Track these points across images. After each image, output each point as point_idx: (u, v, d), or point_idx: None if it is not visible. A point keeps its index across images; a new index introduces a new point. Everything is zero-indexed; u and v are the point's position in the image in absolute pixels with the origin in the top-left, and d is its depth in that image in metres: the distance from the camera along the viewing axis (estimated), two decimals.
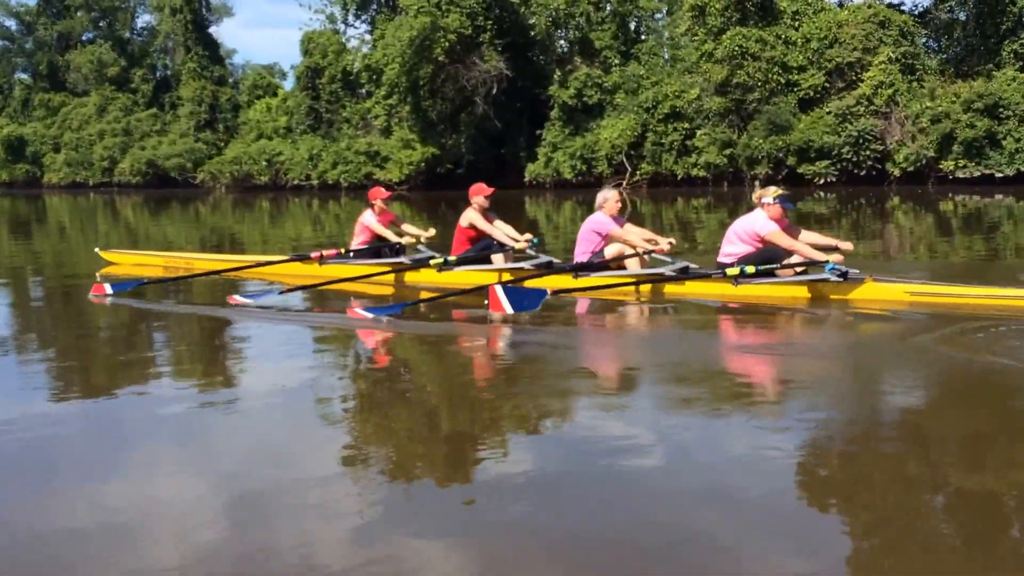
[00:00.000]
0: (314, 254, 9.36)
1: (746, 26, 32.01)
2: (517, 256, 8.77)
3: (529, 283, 7.56)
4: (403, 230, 9.51)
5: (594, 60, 37.69)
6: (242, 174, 44.85)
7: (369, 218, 9.44)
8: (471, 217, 8.85)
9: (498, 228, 8.78)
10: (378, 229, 9.34)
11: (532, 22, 38.04)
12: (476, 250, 8.78)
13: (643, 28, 40.85)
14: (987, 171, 28.62)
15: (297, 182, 42.34)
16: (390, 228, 9.43)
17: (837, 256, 7.03)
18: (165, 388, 5.24)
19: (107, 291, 8.25)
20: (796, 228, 7.56)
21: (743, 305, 7.21)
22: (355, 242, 9.53)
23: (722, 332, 6.77)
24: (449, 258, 8.69)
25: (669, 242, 8.13)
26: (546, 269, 8.21)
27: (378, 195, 9.60)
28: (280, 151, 43.78)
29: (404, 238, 9.33)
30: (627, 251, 8.09)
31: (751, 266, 7.23)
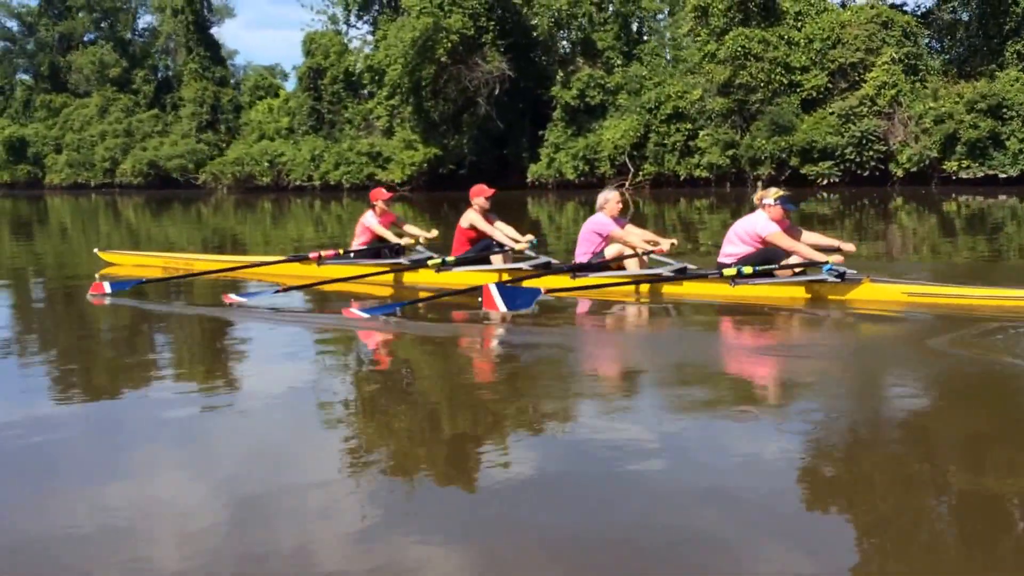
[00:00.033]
0: (312, 255, 9.37)
1: (749, 27, 31.98)
2: (516, 257, 8.77)
3: (526, 283, 7.55)
4: (404, 231, 9.51)
5: (596, 61, 37.70)
6: (244, 175, 44.86)
7: (370, 219, 9.44)
8: (471, 218, 8.84)
9: (498, 229, 8.77)
10: (379, 230, 9.34)
11: (534, 23, 38.07)
12: (475, 251, 8.78)
13: (645, 29, 40.90)
14: (990, 172, 28.62)
15: (299, 183, 42.34)
16: (391, 229, 9.43)
17: (837, 257, 7.00)
18: (166, 389, 5.24)
19: (106, 290, 8.28)
20: (797, 229, 7.54)
21: (740, 306, 7.19)
22: (356, 243, 9.53)
23: (719, 333, 6.75)
24: (447, 259, 8.68)
25: (671, 243, 8.11)
26: (544, 270, 8.20)
27: (379, 196, 9.60)
28: (282, 152, 43.79)
29: (405, 239, 9.33)
30: (627, 252, 8.08)
31: (749, 266, 7.22)
